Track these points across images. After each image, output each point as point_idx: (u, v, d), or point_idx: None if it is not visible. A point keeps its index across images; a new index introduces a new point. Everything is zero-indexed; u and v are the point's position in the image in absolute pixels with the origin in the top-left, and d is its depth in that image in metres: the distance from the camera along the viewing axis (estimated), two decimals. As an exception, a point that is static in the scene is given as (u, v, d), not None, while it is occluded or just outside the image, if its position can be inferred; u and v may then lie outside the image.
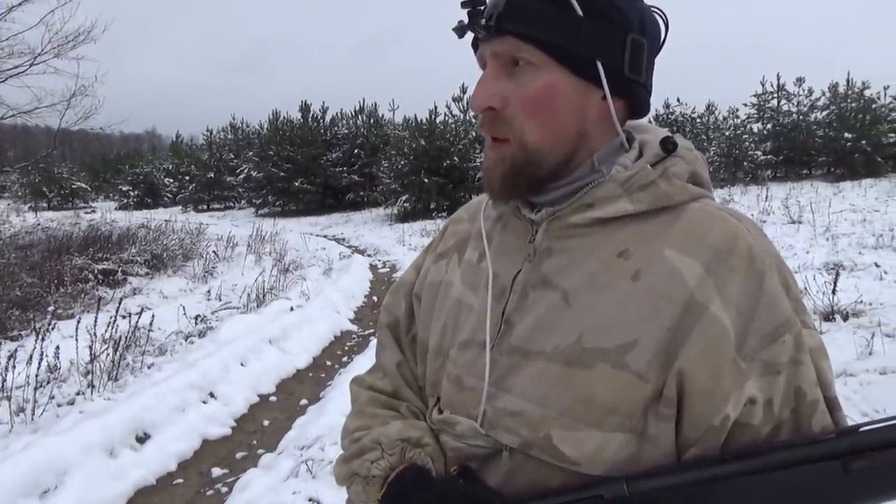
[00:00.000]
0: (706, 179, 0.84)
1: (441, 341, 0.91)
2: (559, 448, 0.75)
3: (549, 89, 0.77)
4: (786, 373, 0.71)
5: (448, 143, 21.65)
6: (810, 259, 8.28)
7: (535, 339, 0.79)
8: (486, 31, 0.77)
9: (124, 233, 13.44)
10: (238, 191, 31.92)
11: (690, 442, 0.72)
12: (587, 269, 0.78)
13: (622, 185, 0.78)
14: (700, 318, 0.71)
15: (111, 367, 5.08)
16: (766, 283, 0.72)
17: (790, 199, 14.28)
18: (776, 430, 0.71)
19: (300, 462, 3.62)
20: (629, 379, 0.72)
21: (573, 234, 0.81)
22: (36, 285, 8.35)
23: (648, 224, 0.78)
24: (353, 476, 0.87)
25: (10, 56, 11.25)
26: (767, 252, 0.75)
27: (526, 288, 0.82)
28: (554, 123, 0.78)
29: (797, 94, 25.58)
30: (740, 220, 0.78)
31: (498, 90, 0.79)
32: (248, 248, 13.17)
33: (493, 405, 0.80)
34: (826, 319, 5.60)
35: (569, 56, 0.76)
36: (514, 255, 0.86)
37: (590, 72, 0.77)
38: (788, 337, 0.71)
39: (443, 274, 0.97)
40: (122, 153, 53.30)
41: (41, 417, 4.28)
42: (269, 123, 29.81)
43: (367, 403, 0.97)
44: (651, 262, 0.75)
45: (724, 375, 0.69)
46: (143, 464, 3.72)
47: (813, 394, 0.72)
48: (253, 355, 5.60)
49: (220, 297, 8.56)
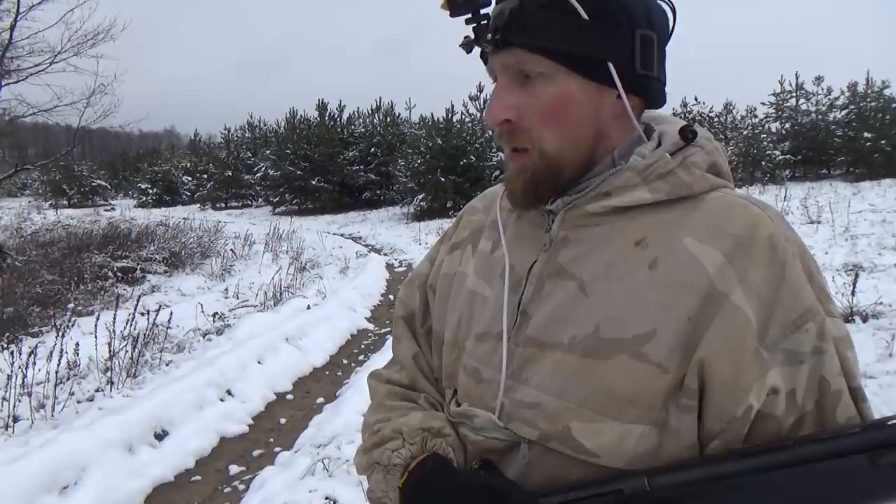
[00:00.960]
0: (726, 170, 0.83)
1: (456, 333, 0.92)
2: (578, 440, 0.74)
3: (564, 97, 0.77)
4: (809, 362, 0.70)
5: (464, 142, 21.63)
6: (829, 260, 8.18)
7: (552, 329, 0.78)
8: (493, 45, 0.78)
9: (143, 230, 13.57)
10: (255, 189, 32.10)
11: (713, 434, 0.71)
12: (604, 259, 0.78)
13: (640, 174, 0.77)
14: (721, 308, 0.70)
15: (130, 364, 5.13)
16: (789, 271, 0.71)
17: (809, 199, 14.11)
18: (800, 421, 0.70)
19: (317, 460, 3.64)
20: (648, 369, 0.71)
21: (590, 223, 0.80)
22: (56, 282, 8.47)
23: (667, 213, 0.77)
24: (374, 465, 0.87)
25: (31, 54, 11.39)
26: (790, 240, 0.74)
27: (542, 278, 0.82)
28: (571, 129, 0.79)
29: (816, 94, 25.29)
30: (763, 208, 0.76)
31: (512, 102, 0.79)
32: (265, 246, 13.25)
33: (511, 397, 0.80)
34: (845, 321, 5.52)
35: (579, 62, 0.76)
36: (529, 245, 0.86)
37: (602, 74, 0.76)
38: (811, 325, 0.70)
39: (457, 265, 0.97)
40: (140, 151, 53.79)
41: (61, 414, 4.33)
42: (287, 122, 29.96)
43: (386, 397, 0.98)
44: (669, 251, 0.74)
45: (746, 365, 0.69)
46: (161, 461, 3.76)
47: (837, 384, 0.71)
48: (270, 353, 5.63)
49: (238, 295, 8.62)
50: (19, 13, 10.81)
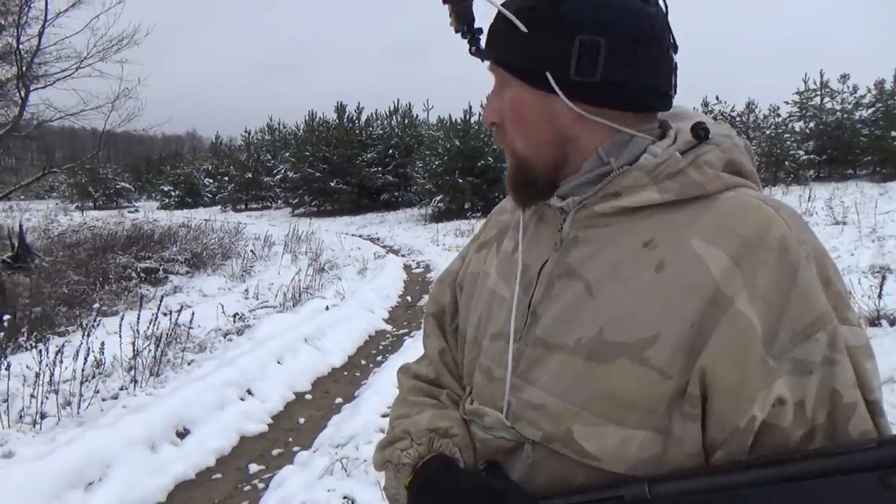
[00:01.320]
0: (747, 168, 0.80)
1: (476, 332, 0.93)
2: (580, 443, 0.74)
3: (516, 102, 0.83)
4: (819, 373, 0.67)
5: (482, 143, 21.62)
6: (855, 261, 8.05)
7: (559, 331, 0.79)
8: (479, 56, 0.85)
9: (166, 232, 13.77)
10: (275, 191, 32.37)
11: (717, 443, 0.69)
12: (611, 260, 0.77)
13: (649, 174, 0.76)
14: (725, 313, 0.68)
15: (153, 364, 5.22)
16: (801, 275, 0.68)
17: (834, 200, 13.90)
18: (810, 434, 0.68)
19: (335, 460, 3.67)
20: (650, 375, 0.70)
21: (599, 223, 0.80)
22: (82, 283, 8.62)
23: (677, 214, 0.75)
24: (387, 463, 0.90)
25: (58, 60, 11.58)
26: (806, 243, 0.71)
27: (552, 278, 0.82)
28: (531, 133, 0.83)
29: (841, 92, 24.89)
30: (777, 208, 0.73)
31: (496, 106, 0.86)
32: (284, 247, 13.36)
33: (518, 397, 0.81)
34: (872, 324, 5.45)
35: (521, 72, 0.81)
36: (543, 244, 0.86)
37: (543, 82, 0.79)
38: (822, 335, 0.67)
39: (482, 264, 0.99)
40: (163, 154, 54.43)
41: (86, 411, 4.42)
42: (306, 124, 30.16)
43: (409, 392, 1.00)
44: (677, 253, 0.73)
45: (749, 374, 0.67)
46: (182, 458, 3.82)
47: (850, 396, 0.67)
48: (289, 354, 5.69)
49: (258, 296, 8.70)
50: (47, 20, 11.00)
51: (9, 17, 10.83)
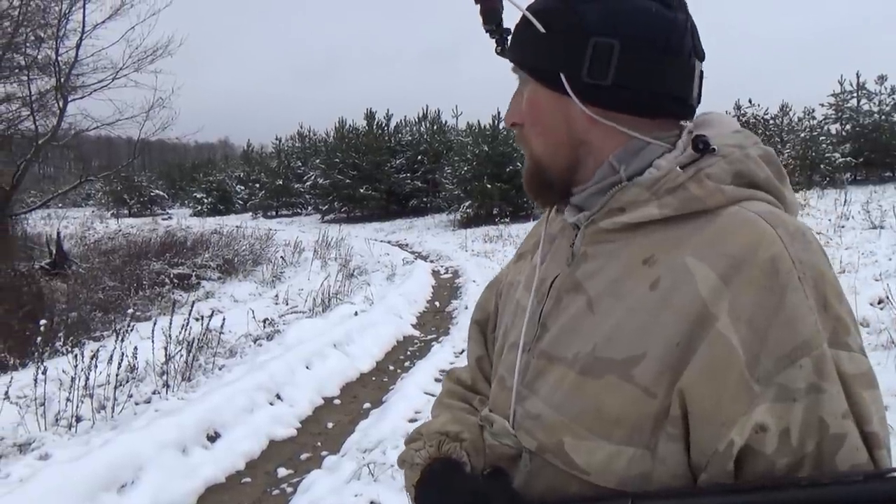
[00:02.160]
0: (763, 178, 0.76)
1: (503, 341, 0.95)
2: (570, 455, 0.75)
3: (534, 103, 0.83)
4: (804, 401, 0.64)
5: (511, 149, 21.58)
6: (893, 266, 7.85)
7: (561, 344, 0.80)
8: (503, 56, 0.88)
9: (198, 238, 14.00)
10: (305, 197, 32.69)
11: (700, 466, 0.68)
12: (612, 276, 0.77)
13: (649, 189, 0.75)
14: (707, 334, 0.66)
15: (185, 368, 5.30)
16: (789, 297, 0.65)
17: (871, 203, 13.57)
18: (797, 463, 0.64)
19: (362, 465, 3.69)
20: (635, 392, 0.70)
21: (605, 238, 0.80)
22: (117, 288, 8.81)
23: (678, 230, 0.74)
24: (404, 462, 0.95)
25: (94, 71, 11.90)
26: (801, 262, 0.67)
27: (560, 292, 0.83)
28: (547, 134, 0.83)
29: (879, 93, 24.31)
30: (776, 224, 0.70)
31: (517, 107, 0.87)
32: (314, 253, 13.49)
33: (522, 406, 0.83)
34: (909, 330, 5.31)
35: (536, 72, 0.82)
36: (559, 258, 0.88)
37: (557, 83, 0.79)
38: (807, 361, 0.64)
39: (518, 274, 1.00)
40: (196, 162, 55.35)
41: (120, 415, 4.50)
42: (336, 131, 30.42)
43: (446, 395, 1.06)
44: (671, 269, 0.71)
45: (728, 398, 0.65)
46: (213, 462, 3.87)
47: (838, 426, 0.64)
48: (318, 359, 5.73)
49: (287, 302, 8.79)
50: (84, 32, 11.31)
51: (48, 30, 11.16)
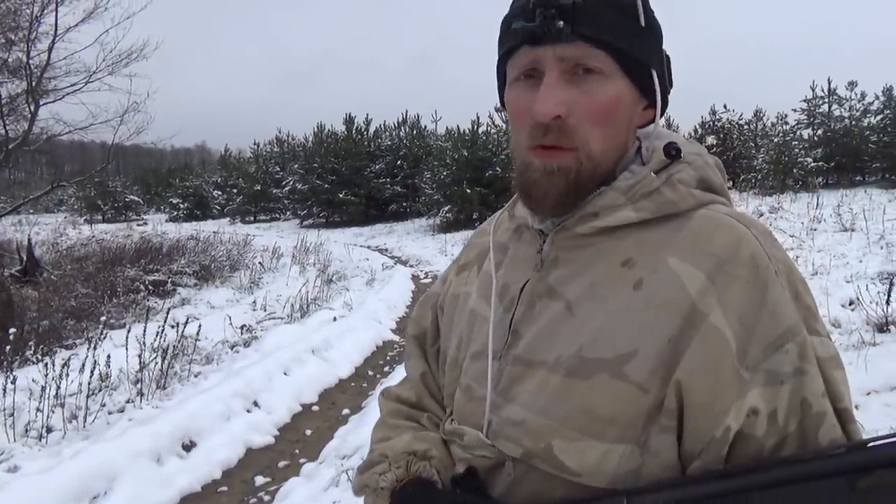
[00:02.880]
0: (718, 184, 0.82)
1: (457, 352, 0.92)
2: (560, 459, 0.74)
3: (618, 100, 0.76)
4: (790, 383, 0.68)
5: (490, 154, 21.66)
6: (863, 268, 7.99)
7: (539, 349, 0.79)
8: (557, 34, 0.73)
9: (174, 244, 13.82)
10: (284, 202, 32.49)
11: (693, 454, 0.70)
12: (590, 279, 0.78)
13: (625, 194, 0.78)
14: (699, 329, 0.69)
15: (159, 376, 5.22)
16: (771, 290, 0.70)
17: (842, 207, 13.81)
18: (782, 443, 0.69)
19: (341, 471, 3.65)
20: (629, 390, 0.71)
21: (579, 243, 0.81)
22: (90, 296, 8.65)
23: (654, 232, 0.77)
24: (365, 488, 0.90)
25: (67, 74, 11.70)
26: (775, 258, 0.73)
27: (533, 298, 0.82)
28: (615, 133, 0.78)
29: (849, 99, 24.78)
30: (748, 225, 0.75)
31: (563, 98, 0.74)
32: (292, 259, 13.39)
33: (498, 415, 0.81)
34: (880, 330, 5.40)
35: (634, 65, 0.77)
36: (524, 265, 0.86)
37: (647, 82, 0.78)
38: (792, 346, 0.69)
39: (463, 285, 0.98)
40: (172, 167, 54.74)
41: (92, 424, 4.41)
42: (314, 136, 30.31)
43: (389, 415, 1.00)
44: (654, 271, 0.74)
45: (724, 386, 0.68)
46: (188, 471, 3.81)
47: (819, 405, 0.69)
48: (296, 365, 5.68)
49: (265, 308, 8.71)
50: (57, 35, 11.13)
51: (19, 33, 10.96)
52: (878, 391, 4.20)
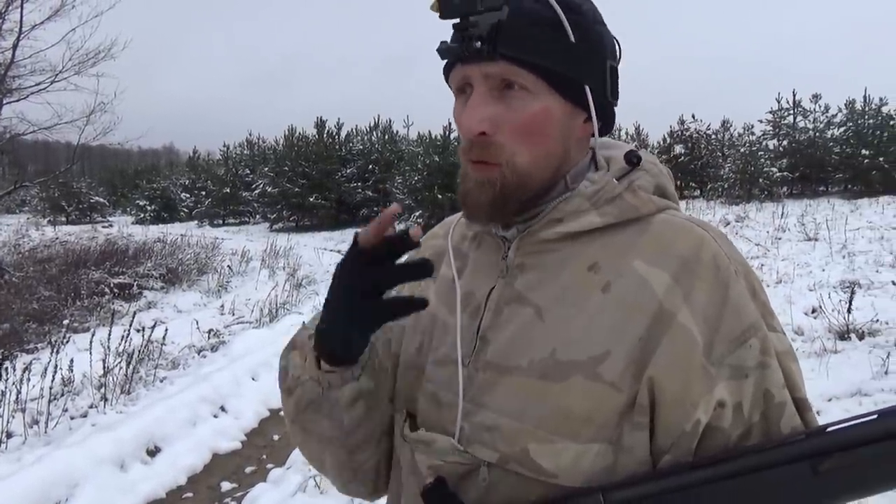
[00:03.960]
0: (671, 191, 0.86)
1: (417, 357, 0.92)
2: (536, 461, 0.75)
3: (544, 114, 0.78)
4: (753, 376, 0.72)
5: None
6: (826, 277, 8.19)
7: (511, 354, 0.79)
8: (478, 53, 0.75)
9: (140, 247, 13.61)
10: (253, 206, 32.12)
11: (664, 449, 0.73)
12: (559, 284, 0.79)
13: (589, 200, 0.80)
14: (668, 327, 0.72)
15: (124, 381, 5.13)
16: (732, 289, 0.74)
17: (806, 217, 14.16)
18: (747, 433, 0.73)
19: (308, 477, 3.62)
20: (603, 389, 0.73)
21: (544, 249, 0.82)
22: (53, 298, 8.47)
23: (617, 236, 0.80)
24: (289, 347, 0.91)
25: (32, 73, 11.49)
26: (733, 259, 0.77)
27: (500, 304, 0.83)
28: (544, 147, 0.79)
29: (813, 111, 25.37)
30: (706, 228, 0.80)
31: (489, 114, 0.77)
32: (262, 262, 13.25)
33: (471, 421, 0.81)
34: (841, 338, 5.54)
35: (562, 81, 0.78)
36: (488, 272, 0.87)
37: (578, 96, 0.79)
38: (755, 341, 0.73)
39: (417, 288, 0.97)
40: (139, 168, 53.77)
41: (54, 430, 4.32)
42: (285, 139, 30.06)
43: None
44: (620, 274, 0.77)
45: (693, 381, 0.71)
46: (153, 477, 3.75)
47: (781, 396, 0.73)
48: (264, 370, 5.62)
49: (234, 312, 8.61)
50: (22, 33, 10.92)
51: (-18, 29, 10.71)
52: (839, 397, 4.31)
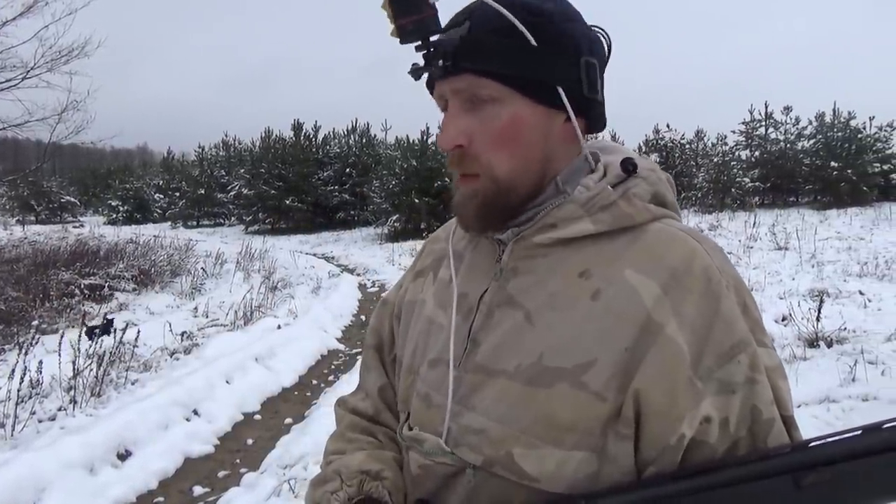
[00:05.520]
0: (670, 200, 0.85)
1: (413, 359, 0.93)
2: (520, 465, 0.75)
3: (515, 121, 0.78)
4: (741, 392, 0.71)
5: (439, 164, 21.72)
6: (795, 286, 8.33)
7: (499, 357, 0.80)
8: (443, 70, 0.78)
9: (112, 248, 13.39)
10: (228, 207, 31.83)
11: (649, 460, 0.73)
12: (549, 289, 0.79)
13: (583, 206, 0.80)
14: (656, 339, 0.72)
15: (94, 383, 5.03)
16: (723, 303, 0.73)
17: (777, 226, 14.41)
18: (733, 448, 0.72)
19: (283, 481, 3.59)
20: (587, 398, 0.73)
21: (537, 253, 0.82)
22: (21, 299, 8.29)
23: (610, 244, 0.79)
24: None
25: (3, 69, 11.27)
26: (725, 272, 0.76)
27: (492, 307, 0.83)
28: (521, 153, 0.80)
29: (784, 123, 25.83)
30: (700, 240, 0.79)
31: (462, 127, 0.79)
32: (236, 265, 13.11)
33: (458, 422, 0.81)
34: (810, 346, 5.64)
35: (529, 85, 0.78)
36: (482, 274, 0.87)
37: (552, 97, 0.79)
38: (744, 357, 0.72)
39: (419, 292, 0.99)
40: (112, 168, 52.94)
41: (21, 433, 4.22)
42: (262, 141, 29.83)
43: (348, 427, 1.01)
44: (611, 283, 0.76)
45: (679, 395, 0.70)
46: (123, 481, 3.68)
47: (769, 412, 0.73)
48: (238, 373, 5.56)
49: (207, 314, 8.51)
50: (-8, 27, 10.70)
51: (-49, 24, 10.49)
52: (808, 404, 4.39)
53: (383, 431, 0.98)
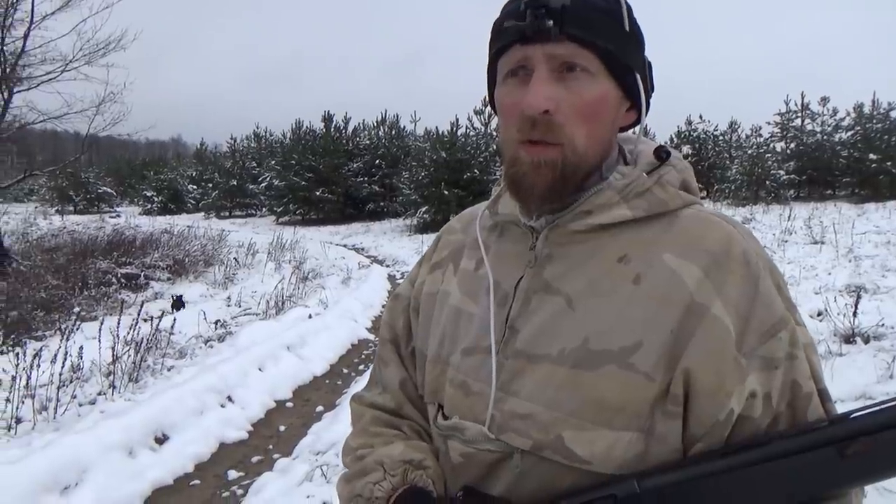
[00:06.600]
0: (694, 187, 0.88)
1: (440, 349, 0.93)
2: (571, 448, 0.77)
3: (602, 99, 0.79)
4: (782, 367, 0.75)
5: (468, 156, 21.71)
6: (832, 280, 8.17)
7: (541, 342, 0.81)
8: (545, 33, 0.76)
9: (147, 238, 13.64)
10: (260, 198, 32.21)
11: (697, 437, 0.75)
12: (589, 275, 0.81)
13: (619, 193, 0.82)
14: (702, 320, 0.74)
15: (132, 369, 5.16)
16: (761, 284, 0.76)
17: (813, 220, 14.11)
18: (774, 422, 0.75)
19: (315, 467, 3.66)
20: (636, 379, 0.75)
21: (573, 240, 0.84)
22: (60, 287, 8.50)
23: (646, 230, 0.82)
24: (356, 497, 0.88)
25: (43, 63, 11.51)
26: (760, 255, 0.79)
27: (529, 294, 0.85)
28: (599, 131, 0.81)
29: (821, 114, 25.28)
30: (733, 225, 0.82)
31: (552, 93, 0.77)
32: (268, 255, 13.29)
33: (501, 409, 0.82)
34: (846, 342, 5.53)
35: (619, 66, 0.80)
36: (514, 262, 0.88)
37: (632, 83, 0.82)
38: (784, 333, 0.75)
39: (439, 284, 0.99)
40: (147, 159, 54.04)
41: (63, 416, 4.36)
42: (292, 133, 30.12)
43: (371, 422, 0.99)
44: (651, 267, 0.79)
45: (727, 373, 0.73)
46: (160, 464, 3.78)
47: (808, 386, 0.76)
48: (271, 361, 5.66)
49: (240, 304, 8.65)
50: (33, 22, 10.95)
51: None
52: (844, 400, 4.31)
53: (407, 424, 0.98)
